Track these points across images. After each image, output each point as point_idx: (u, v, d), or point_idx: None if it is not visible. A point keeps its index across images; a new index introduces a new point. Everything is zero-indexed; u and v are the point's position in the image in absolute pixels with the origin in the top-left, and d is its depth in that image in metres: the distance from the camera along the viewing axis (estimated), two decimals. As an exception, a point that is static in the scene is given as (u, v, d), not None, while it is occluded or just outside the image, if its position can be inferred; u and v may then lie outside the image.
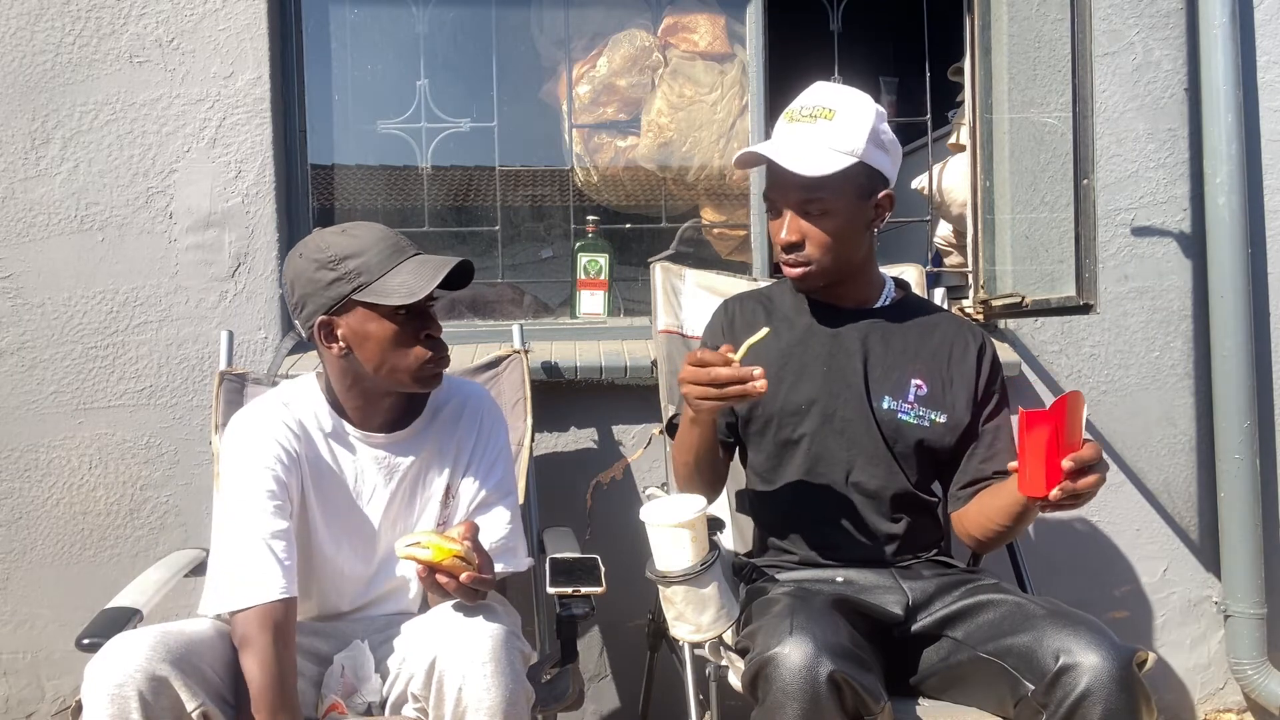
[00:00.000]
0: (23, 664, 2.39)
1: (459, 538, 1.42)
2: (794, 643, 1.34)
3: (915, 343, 1.76)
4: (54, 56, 2.34)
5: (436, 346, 1.57)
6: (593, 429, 2.46)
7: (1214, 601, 2.61)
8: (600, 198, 2.91)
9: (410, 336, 1.53)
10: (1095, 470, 1.44)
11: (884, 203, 1.71)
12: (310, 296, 1.53)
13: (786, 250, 1.68)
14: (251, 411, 1.62)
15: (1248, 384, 2.50)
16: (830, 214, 1.65)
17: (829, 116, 1.65)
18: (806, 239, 1.66)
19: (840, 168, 1.62)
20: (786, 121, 1.70)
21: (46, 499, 2.37)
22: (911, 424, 1.70)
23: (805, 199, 1.65)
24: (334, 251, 1.52)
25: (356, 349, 1.54)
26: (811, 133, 1.64)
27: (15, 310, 2.35)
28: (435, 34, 2.71)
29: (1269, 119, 2.60)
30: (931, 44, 2.72)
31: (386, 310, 1.51)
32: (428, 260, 1.54)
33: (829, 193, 1.64)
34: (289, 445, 1.57)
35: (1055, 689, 1.36)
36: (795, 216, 1.66)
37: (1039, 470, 1.45)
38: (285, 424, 1.59)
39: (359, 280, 1.51)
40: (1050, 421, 1.43)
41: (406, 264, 1.52)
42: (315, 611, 1.65)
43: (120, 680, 1.26)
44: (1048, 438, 1.43)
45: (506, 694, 1.35)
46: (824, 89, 1.71)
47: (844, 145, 1.63)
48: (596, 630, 2.46)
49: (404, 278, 1.51)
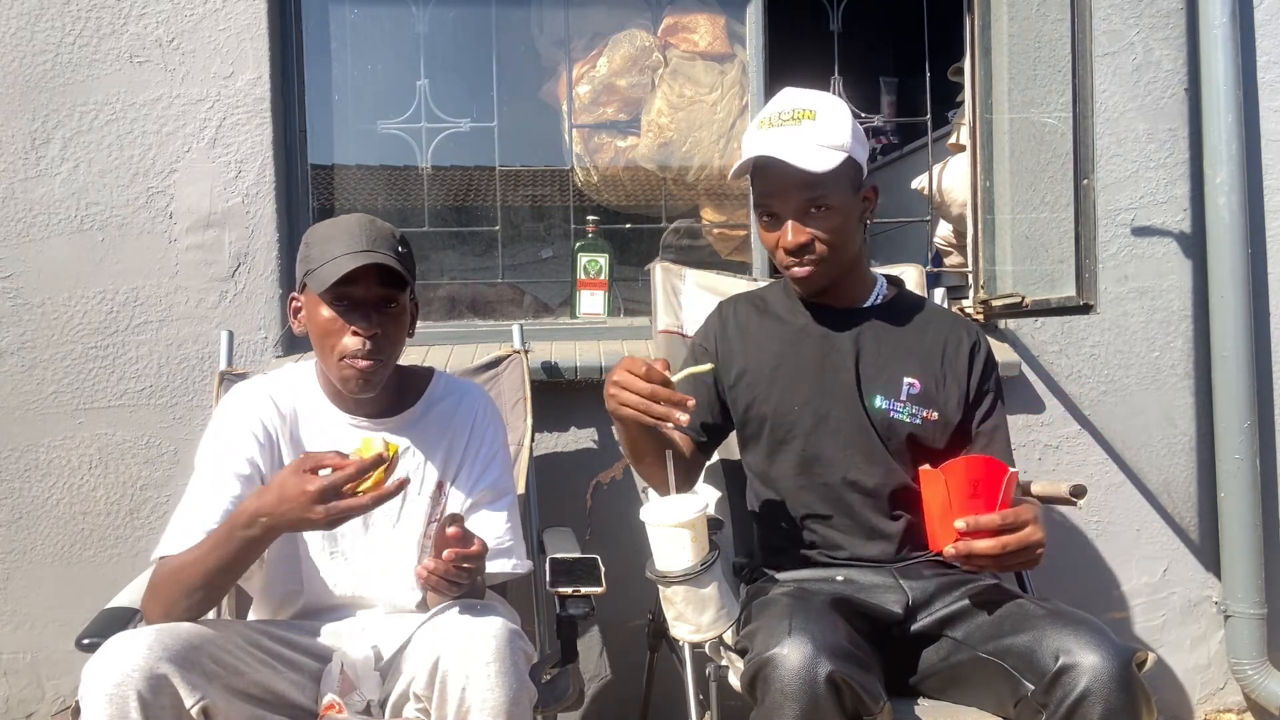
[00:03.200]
0: (23, 664, 2.39)
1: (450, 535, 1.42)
2: (793, 643, 1.34)
3: (909, 341, 1.77)
4: (54, 56, 2.35)
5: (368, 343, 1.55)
6: (593, 429, 2.46)
7: (1214, 601, 2.61)
8: (600, 198, 2.91)
9: (340, 327, 1.55)
10: (1005, 534, 1.44)
11: (870, 195, 1.74)
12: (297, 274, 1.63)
13: (795, 253, 1.68)
14: (235, 392, 1.68)
15: (1248, 384, 2.50)
16: (832, 211, 1.66)
17: (811, 116, 1.66)
18: (814, 239, 1.67)
19: (838, 163, 1.64)
20: (764, 128, 1.69)
21: (46, 499, 2.37)
22: (904, 421, 1.71)
23: (808, 199, 1.66)
24: (311, 235, 1.61)
25: (307, 328, 1.62)
26: (798, 134, 1.65)
27: (15, 310, 2.35)
28: (435, 34, 2.71)
29: (1269, 119, 2.60)
30: (931, 44, 2.72)
31: (324, 297, 1.55)
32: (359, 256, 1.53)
33: (829, 189, 1.65)
34: (267, 424, 1.62)
35: (1055, 689, 1.36)
36: (797, 222, 1.67)
37: (935, 525, 1.50)
38: (266, 404, 1.63)
39: (308, 265, 1.57)
40: (941, 478, 1.46)
41: (345, 257, 1.53)
42: (306, 602, 1.64)
43: (119, 680, 1.26)
44: (942, 495, 1.46)
45: (510, 694, 1.34)
46: (794, 93, 1.72)
47: (833, 141, 1.65)
48: (596, 630, 2.46)
49: (331, 267, 1.53)
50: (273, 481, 1.40)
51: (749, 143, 1.71)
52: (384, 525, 1.65)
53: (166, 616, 1.43)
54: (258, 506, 1.38)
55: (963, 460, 1.53)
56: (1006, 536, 1.45)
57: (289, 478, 1.36)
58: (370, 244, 1.55)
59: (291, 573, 1.63)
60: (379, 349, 1.56)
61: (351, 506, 1.35)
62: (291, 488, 1.35)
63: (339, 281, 1.51)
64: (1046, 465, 2.56)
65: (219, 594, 1.47)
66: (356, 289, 1.54)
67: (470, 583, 1.44)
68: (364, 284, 1.54)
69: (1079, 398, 2.58)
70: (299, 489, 1.34)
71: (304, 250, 1.60)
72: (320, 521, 1.35)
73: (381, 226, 1.60)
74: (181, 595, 1.43)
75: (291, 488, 1.35)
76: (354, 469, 1.34)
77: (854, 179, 1.69)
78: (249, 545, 1.40)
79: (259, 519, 1.37)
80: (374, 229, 1.58)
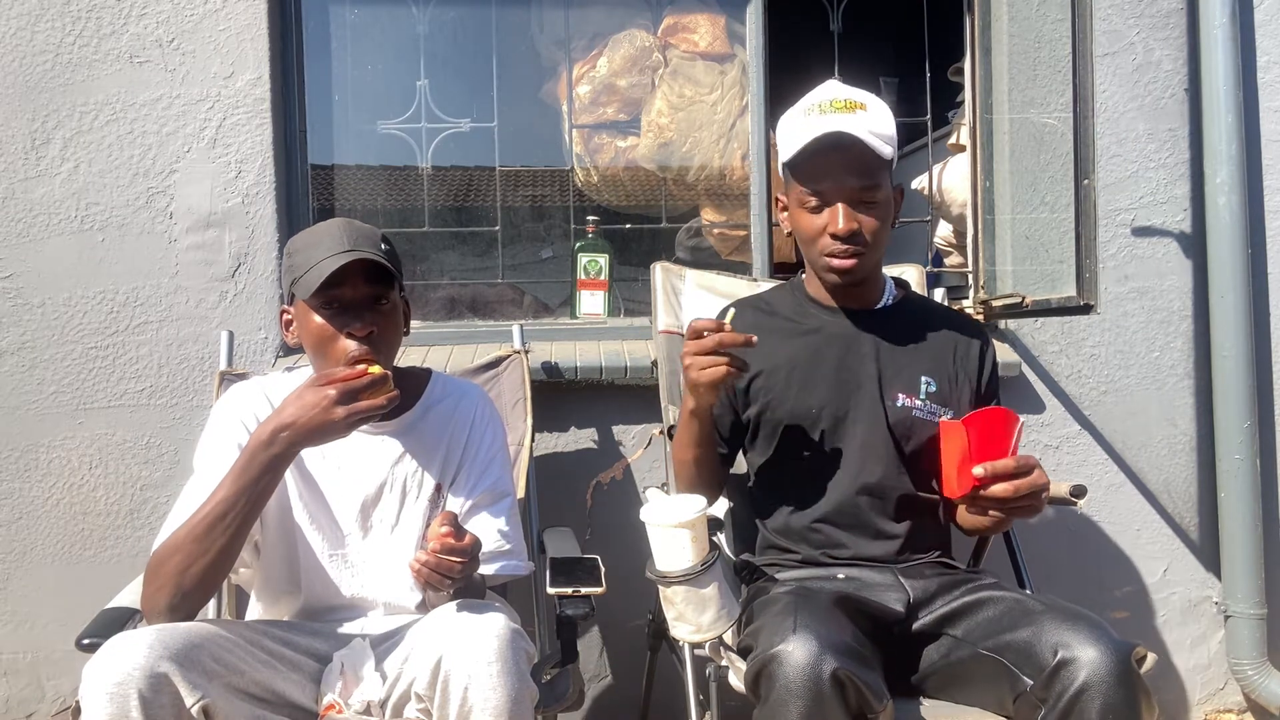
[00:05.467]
0: (23, 664, 2.39)
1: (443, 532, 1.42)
2: (797, 640, 1.34)
3: (923, 341, 1.78)
4: (54, 57, 2.35)
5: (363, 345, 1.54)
6: (593, 429, 2.46)
7: (1214, 602, 2.61)
8: (600, 198, 2.91)
9: (333, 332, 1.54)
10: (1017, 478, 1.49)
11: (898, 197, 1.75)
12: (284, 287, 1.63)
13: (846, 240, 1.67)
14: (232, 393, 1.68)
15: (1248, 384, 2.50)
16: (879, 204, 1.68)
17: (864, 108, 1.67)
18: (862, 228, 1.67)
19: (891, 152, 1.66)
20: (818, 113, 1.67)
21: (46, 499, 2.37)
22: (925, 420, 1.72)
23: (863, 186, 1.66)
24: (292, 246, 1.60)
25: (301, 340, 1.61)
26: (855, 120, 1.65)
27: (15, 310, 2.35)
28: (435, 34, 2.71)
29: (1269, 119, 2.59)
30: (931, 44, 2.72)
31: (313, 303, 1.54)
32: (343, 255, 1.52)
33: (880, 180, 1.67)
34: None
35: (1054, 683, 1.36)
36: (849, 208, 1.66)
37: (952, 474, 1.55)
38: (263, 405, 1.62)
39: (293, 274, 1.56)
40: (966, 429, 1.52)
41: (328, 259, 1.52)
42: (305, 603, 1.64)
43: (119, 679, 1.26)
44: (962, 445, 1.52)
45: (512, 694, 1.34)
46: (841, 85, 1.73)
47: (885, 133, 1.66)
48: (596, 630, 2.46)
49: (316, 271, 1.52)
50: (288, 399, 1.43)
51: (801, 126, 1.68)
52: (383, 527, 1.65)
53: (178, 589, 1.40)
54: (278, 422, 1.41)
55: (983, 412, 1.56)
56: (1019, 480, 1.49)
57: (306, 390, 1.42)
58: (353, 243, 1.54)
59: (290, 573, 1.63)
60: (375, 350, 1.55)
61: (372, 405, 1.42)
62: (310, 396, 1.41)
63: (326, 283, 1.50)
64: (1047, 465, 2.51)
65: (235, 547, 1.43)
66: (345, 290, 1.53)
67: (462, 577, 1.43)
68: (351, 284, 1.53)
69: (1079, 398, 2.58)
70: (320, 395, 1.40)
71: (287, 260, 1.59)
72: (340, 423, 1.40)
73: (362, 226, 1.59)
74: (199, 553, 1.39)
75: (310, 396, 1.41)
76: (369, 380, 1.42)
77: (891, 175, 1.71)
78: (271, 465, 1.41)
79: (280, 434, 1.41)
80: (354, 229, 1.57)
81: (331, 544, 1.63)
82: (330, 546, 1.63)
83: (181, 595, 1.41)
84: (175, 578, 1.41)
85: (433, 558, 1.39)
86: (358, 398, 1.41)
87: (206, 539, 1.40)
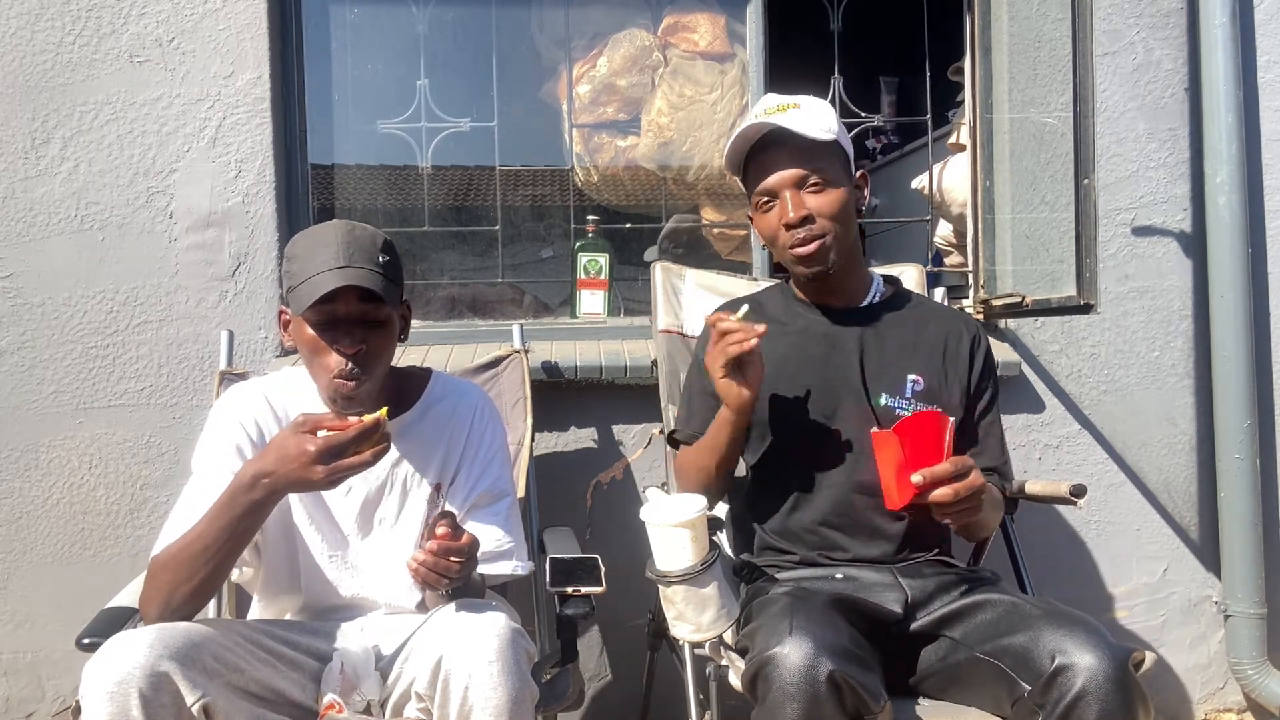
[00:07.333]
0: (23, 664, 2.39)
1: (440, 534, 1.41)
2: (794, 642, 1.34)
3: (911, 338, 1.78)
4: (54, 56, 2.35)
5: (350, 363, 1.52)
6: (593, 429, 2.46)
7: (1214, 601, 2.61)
8: (600, 197, 2.91)
9: (324, 346, 1.53)
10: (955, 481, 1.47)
11: (861, 181, 1.78)
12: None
13: (797, 226, 1.69)
14: (231, 393, 1.68)
15: (1248, 384, 2.50)
16: (829, 185, 1.69)
17: (796, 107, 1.70)
18: (813, 212, 1.69)
19: (829, 138, 1.68)
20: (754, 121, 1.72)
21: (46, 499, 2.37)
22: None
23: (806, 172, 1.68)
24: (291, 249, 1.57)
25: (295, 344, 1.59)
26: (785, 118, 1.69)
27: (15, 310, 2.35)
28: (435, 34, 2.71)
29: (1269, 119, 2.60)
30: (931, 44, 2.72)
31: (306, 316, 1.52)
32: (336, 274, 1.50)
33: (824, 163, 1.69)
34: (262, 426, 1.61)
35: (1051, 689, 1.36)
36: (796, 194, 1.69)
37: (891, 484, 1.53)
38: (262, 406, 1.62)
39: (290, 280, 1.55)
40: (899, 436, 1.50)
41: (322, 275, 1.49)
42: (305, 603, 1.64)
43: (120, 678, 1.26)
44: (897, 454, 1.50)
45: (513, 693, 1.34)
46: (774, 95, 1.77)
47: (821, 125, 1.69)
48: (596, 630, 2.46)
49: (308, 286, 1.49)
50: (272, 442, 1.40)
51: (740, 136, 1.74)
52: (383, 527, 1.65)
53: (167, 604, 1.41)
54: (259, 468, 1.38)
55: (914, 417, 1.56)
56: (958, 483, 1.48)
57: (289, 438, 1.36)
58: (349, 258, 1.50)
59: (291, 573, 1.63)
60: (363, 366, 1.53)
61: (353, 464, 1.36)
62: (292, 447, 1.35)
63: (318, 301, 1.48)
64: (1046, 465, 2.56)
65: (220, 575, 1.44)
66: (338, 306, 1.51)
67: (460, 576, 1.43)
68: (344, 300, 1.51)
69: (1079, 397, 2.58)
70: (300, 448, 1.34)
71: (286, 264, 1.58)
72: (321, 481, 1.35)
73: (361, 236, 1.54)
74: (184, 578, 1.40)
75: (292, 447, 1.35)
76: (354, 432, 1.35)
77: (844, 162, 1.73)
78: (252, 510, 1.39)
79: (260, 480, 1.37)
80: (353, 240, 1.53)
81: (331, 544, 1.63)
82: (330, 547, 1.63)
83: (170, 610, 1.42)
84: (166, 592, 1.42)
85: (430, 557, 1.39)
86: (343, 453, 1.35)
87: (190, 567, 1.41)
